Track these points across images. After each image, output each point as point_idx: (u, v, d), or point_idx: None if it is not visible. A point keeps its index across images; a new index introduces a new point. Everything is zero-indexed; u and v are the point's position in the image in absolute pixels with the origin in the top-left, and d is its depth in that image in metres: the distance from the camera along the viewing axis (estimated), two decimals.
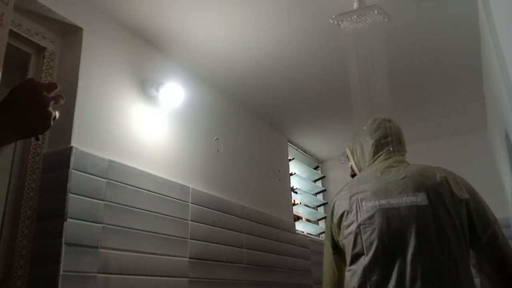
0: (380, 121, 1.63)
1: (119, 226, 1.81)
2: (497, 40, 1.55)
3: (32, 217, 1.66)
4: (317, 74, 2.65)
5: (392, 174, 1.45)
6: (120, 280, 1.76)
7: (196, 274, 2.19)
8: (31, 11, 1.76)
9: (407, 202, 1.35)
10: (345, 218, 1.46)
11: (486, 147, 3.48)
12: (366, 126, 1.63)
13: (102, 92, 1.93)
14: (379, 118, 1.64)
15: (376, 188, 1.43)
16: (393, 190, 1.39)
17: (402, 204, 1.35)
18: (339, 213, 1.50)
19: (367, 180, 1.49)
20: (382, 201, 1.38)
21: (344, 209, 1.48)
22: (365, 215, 1.39)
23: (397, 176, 1.43)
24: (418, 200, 1.34)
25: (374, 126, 1.62)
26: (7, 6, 0.83)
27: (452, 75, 2.73)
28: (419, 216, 1.32)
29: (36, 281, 1.57)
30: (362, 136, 1.64)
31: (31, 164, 1.72)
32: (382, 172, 1.48)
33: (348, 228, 1.44)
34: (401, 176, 1.42)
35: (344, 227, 1.46)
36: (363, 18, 1.84)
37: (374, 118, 1.65)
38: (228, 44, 2.33)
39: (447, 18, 2.15)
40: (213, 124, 2.69)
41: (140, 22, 2.11)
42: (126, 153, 1.97)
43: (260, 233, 2.85)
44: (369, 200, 1.42)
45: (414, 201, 1.34)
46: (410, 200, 1.35)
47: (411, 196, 1.36)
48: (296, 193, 3.68)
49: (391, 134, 1.56)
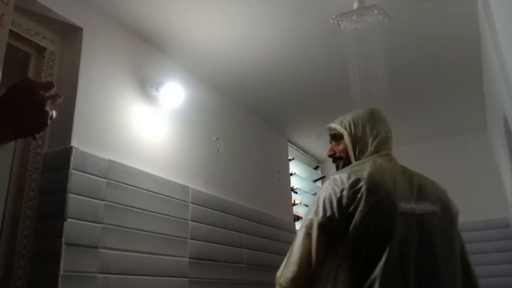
0: (382, 112, 1.52)
1: (119, 226, 1.81)
2: (497, 40, 1.55)
3: (32, 217, 1.66)
4: (317, 74, 2.65)
5: (407, 176, 1.35)
6: (120, 280, 1.76)
7: (196, 274, 2.19)
8: (31, 11, 1.76)
9: (429, 210, 1.28)
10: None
11: (486, 147, 3.49)
12: (370, 114, 1.49)
13: (102, 92, 1.93)
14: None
15: (403, 189, 1.29)
16: (415, 195, 1.29)
17: (427, 210, 1.28)
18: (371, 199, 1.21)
19: (391, 176, 1.30)
20: (410, 205, 1.26)
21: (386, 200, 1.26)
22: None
23: (412, 179, 1.34)
24: (436, 209, 1.30)
25: (381, 116, 1.49)
26: (7, 6, 0.83)
27: (452, 75, 2.73)
28: (441, 226, 1.28)
29: (36, 281, 1.57)
30: (369, 123, 1.46)
31: (31, 164, 1.72)
32: (396, 171, 1.34)
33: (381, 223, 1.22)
34: (415, 180, 1.34)
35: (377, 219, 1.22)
36: (363, 18, 1.84)
37: (377, 108, 1.53)
38: (228, 44, 2.33)
39: (447, 18, 2.15)
40: (213, 124, 2.69)
41: (140, 22, 2.11)
42: (126, 153, 1.97)
43: (260, 233, 2.85)
44: (401, 201, 1.25)
45: (434, 210, 1.29)
46: (431, 208, 1.29)
47: (430, 205, 1.29)
48: (296, 193, 3.68)
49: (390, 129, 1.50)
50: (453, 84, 2.85)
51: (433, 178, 1.44)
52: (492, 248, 3.36)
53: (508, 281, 3.20)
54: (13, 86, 0.78)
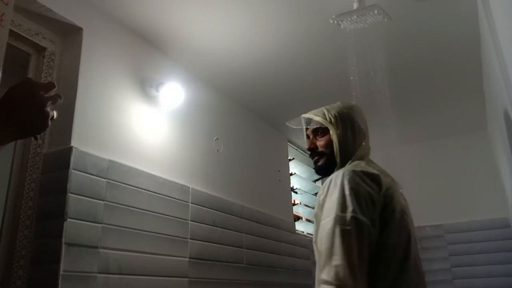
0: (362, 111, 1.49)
1: (119, 226, 1.81)
2: (497, 40, 1.55)
3: (32, 217, 1.66)
4: (317, 74, 2.65)
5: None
6: (120, 280, 1.76)
7: (196, 274, 2.19)
8: (31, 11, 1.76)
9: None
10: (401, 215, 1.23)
11: (486, 147, 3.49)
12: (356, 111, 1.44)
13: (102, 92, 1.93)
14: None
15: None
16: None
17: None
18: (397, 206, 1.23)
19: (390, 178, 1.31)
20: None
21: (402, 205, 1.27)
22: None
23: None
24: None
25: (363, 115, 1.46)
26: (7, 6, 0.83)
27: (452, 75, 2.73)
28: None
29: (36, 281, 1.57)
30: (355, 121, 1.42)
31: (31, 164, 1.72)
32: (386, 174, 1.34)
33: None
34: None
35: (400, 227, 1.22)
36: (363, 18, 1.84)
37: (357, 105, 1.48)
38: (228, 44, 2.33)
39: (447, 18, 2.15)
40: (213, 124, 2.69)
41: (140, 22, 2.11)
42: (126, 153, 1.97)
43: (260, 233, 2.85)
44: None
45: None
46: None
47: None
48: (296, 193, 3.68)
49: None
50: (453, 84, 2.85)
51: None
52: (492, 248, 3.36)
53: (508, 281, 3.20)
54: (13, 87, 0.78)
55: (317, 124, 1.45)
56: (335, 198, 1.17)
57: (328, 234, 1.13)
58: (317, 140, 1.46)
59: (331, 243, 1.11)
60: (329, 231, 1.13)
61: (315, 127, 1.46)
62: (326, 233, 1.14)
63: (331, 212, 1.16)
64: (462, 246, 3.46)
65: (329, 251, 1.11)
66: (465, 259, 3.42)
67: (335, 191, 1.19)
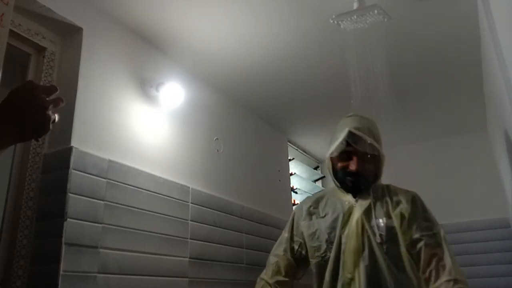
0: None
1: (119, 226, 1.81)
2: (497, 40, 1.55)
3: (32, 217, 1.66)
4: (317, 74, 2.65)
5: None
6: (120, 280, 1.76)
7: (196, 274, 2.19)
8: (31, 11, 1.75)
9: None
10: None
11: (486, 146, 3.48)
12: (379, 130, 1.55)
13: (102, 92, 1.93)
14: None
15: None
16: None
17: None
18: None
19: None
20: None
21: None
22: None
23: None
24: None
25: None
26: (7, 6, 0.83)
27: (452, 75, 2.73)
28: None
29: (36, 281, 1.57)
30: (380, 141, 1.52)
31: (31, 164, 1.72)
32: None
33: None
34: None
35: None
36: (363, 18, 1.84)
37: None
38: (228, 44, 2.33)
39: (447, 18, 2.15)
40: (213, 124, 2.69)
41: (140, 22, 2.11)
42: (126, 153, 1.97)
43: (260, 233, 2.85)
44: None
45: None
46: None
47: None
48: (296, 193, 3.68)
49: None
50: (453, 84, 2.85)
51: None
52: (492, 248, 3.36)
53: (508, 281, 3.20)
54: (15, 89, 0.78)
55: (373, 150, 1.41)
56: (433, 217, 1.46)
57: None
58: (366, 164, 1.43)
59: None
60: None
61: (372, 153, 1.42)
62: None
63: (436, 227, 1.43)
64: (462, 246, 3.46)
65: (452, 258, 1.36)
66: (465, 259, 3.42)
67: (428, 210, 1.48)
